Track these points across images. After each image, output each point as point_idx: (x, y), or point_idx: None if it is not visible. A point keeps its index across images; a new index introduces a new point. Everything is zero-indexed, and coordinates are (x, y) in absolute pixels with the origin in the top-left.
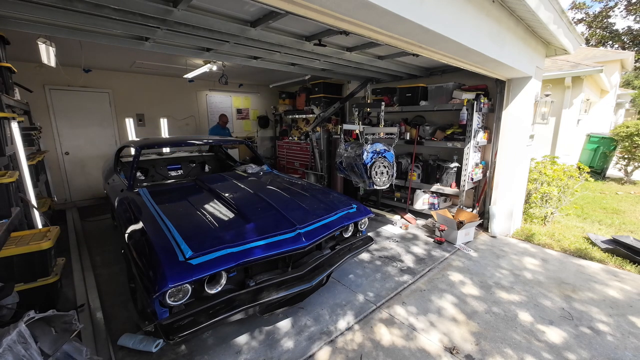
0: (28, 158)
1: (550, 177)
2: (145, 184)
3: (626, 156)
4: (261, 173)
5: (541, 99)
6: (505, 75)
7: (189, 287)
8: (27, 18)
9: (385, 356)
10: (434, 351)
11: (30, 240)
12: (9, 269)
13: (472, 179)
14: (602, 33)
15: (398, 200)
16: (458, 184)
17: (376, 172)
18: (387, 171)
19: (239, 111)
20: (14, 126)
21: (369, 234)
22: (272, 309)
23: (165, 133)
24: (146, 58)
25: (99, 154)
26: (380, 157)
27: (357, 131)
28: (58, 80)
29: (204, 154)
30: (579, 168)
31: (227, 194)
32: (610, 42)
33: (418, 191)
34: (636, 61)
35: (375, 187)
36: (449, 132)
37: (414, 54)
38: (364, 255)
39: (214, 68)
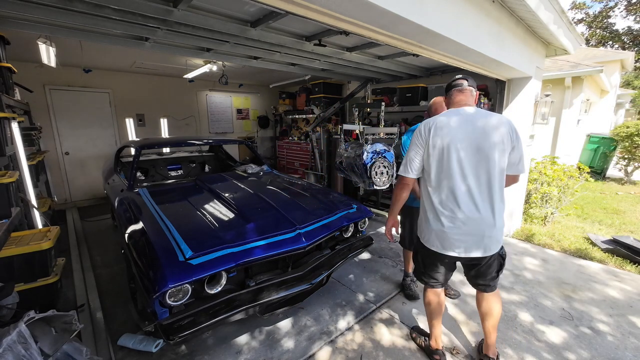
0: (28, 158)
1: (550, 177)
2: (145, 184)
3: (626, 156)
4: (261, 173)
5: (541, 99)
6: (505, 75)
7: (189, 287)
8: (27, 18)
9: (385, 356)
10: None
11: (30, 240)
12: (9, 269)
13: None
14: (602, 33)
15: None
16: None
17: (376, 172)
18: (387, 171)
19: (239, 111)
20: (14, 126)
21: (369, 234)
22: (272, 309)
23: (165, 133)
24: (146, 58)
25: (99, 154)
26: (380, 157)
27: (357, 131)
28: (58, 80)
29: (204, 154)
30: (579, 168)
31: (227, 194)
32: (610, 42)
33: None
34: (636, 61)
35: (375, 187)
36: None
37: (414, 54)
38: (364, 255)
39: (214, 68)
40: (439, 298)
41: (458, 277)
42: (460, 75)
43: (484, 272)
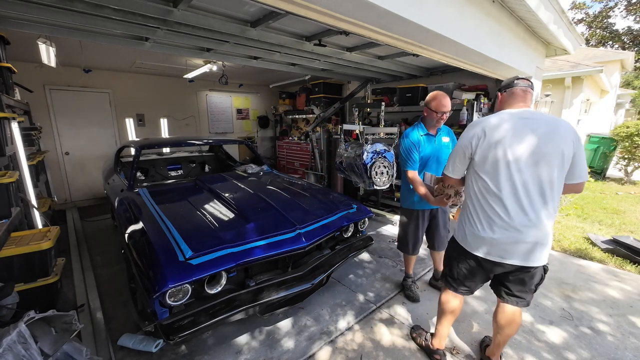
0: (28, 158)
1: None
2: (145, 184)
3: (626, 156)
4: (261, 173)
5: (541, 99)
6: (505, 75)
7: (189, 287)
8: (27, 18)
9: (385, 356)
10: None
11: (30, 241)
12: (9, 269)
13: None
14: (602, 33)
15: (398, 200)
16: None
17: (376, 172)
18: (387, 171)
19: (239, 111)
20: (14, 126)
21: (369, 234)
22: (272, 309)
23: (165, 133)
24: (146, 58)
25: (99, 154)
26: (380, 157)
27: (357, 131)
28: (58, 80)
29: (204, 154)
30: None
31: (227, 194)
32: (610, 42)
33: None
34: (636, 61)
35: (375, 187)
36: None
37: (414, 54)
38: (364, 255)
39: (214, 68)
40: (460, 303)
41: None
42: (524, 77)
43: (527, 282)
